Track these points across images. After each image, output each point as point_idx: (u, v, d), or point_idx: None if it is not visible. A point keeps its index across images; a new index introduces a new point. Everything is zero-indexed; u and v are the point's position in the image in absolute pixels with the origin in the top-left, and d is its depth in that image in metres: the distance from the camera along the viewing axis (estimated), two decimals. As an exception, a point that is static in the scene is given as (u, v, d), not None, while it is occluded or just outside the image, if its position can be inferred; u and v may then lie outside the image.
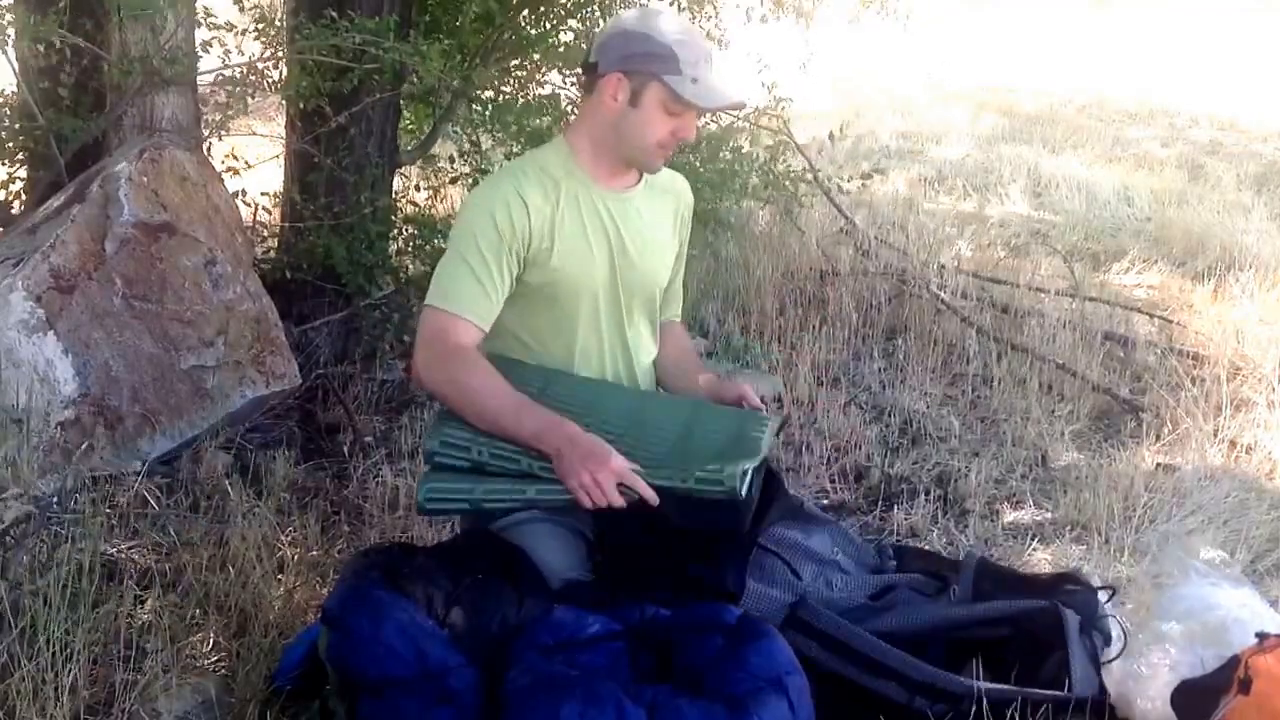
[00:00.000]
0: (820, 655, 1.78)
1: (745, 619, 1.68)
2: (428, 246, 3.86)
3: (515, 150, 4.03)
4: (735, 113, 4.49)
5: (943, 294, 4.19)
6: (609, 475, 1.74)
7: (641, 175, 2.05)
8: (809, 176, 4.82)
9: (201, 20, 3.28)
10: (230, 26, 3.35)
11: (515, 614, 1.71)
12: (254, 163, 3.73)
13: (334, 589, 1.78)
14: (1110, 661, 1.88)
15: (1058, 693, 1.77)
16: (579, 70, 2.43)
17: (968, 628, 1.91)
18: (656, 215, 2.08)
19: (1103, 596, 2.00)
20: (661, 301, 2.17)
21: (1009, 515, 2.82)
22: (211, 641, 2.03)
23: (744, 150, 4.48)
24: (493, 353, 2.00)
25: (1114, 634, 1.93)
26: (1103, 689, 1.84)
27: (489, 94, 4.08)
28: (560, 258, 1.96)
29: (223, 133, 3.49)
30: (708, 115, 4.37)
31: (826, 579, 1.97)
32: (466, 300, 1.90)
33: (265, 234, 3.95)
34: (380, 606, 1.65)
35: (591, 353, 2.06)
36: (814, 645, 1.79)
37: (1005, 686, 1.78)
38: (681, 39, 1.89)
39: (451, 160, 4.26)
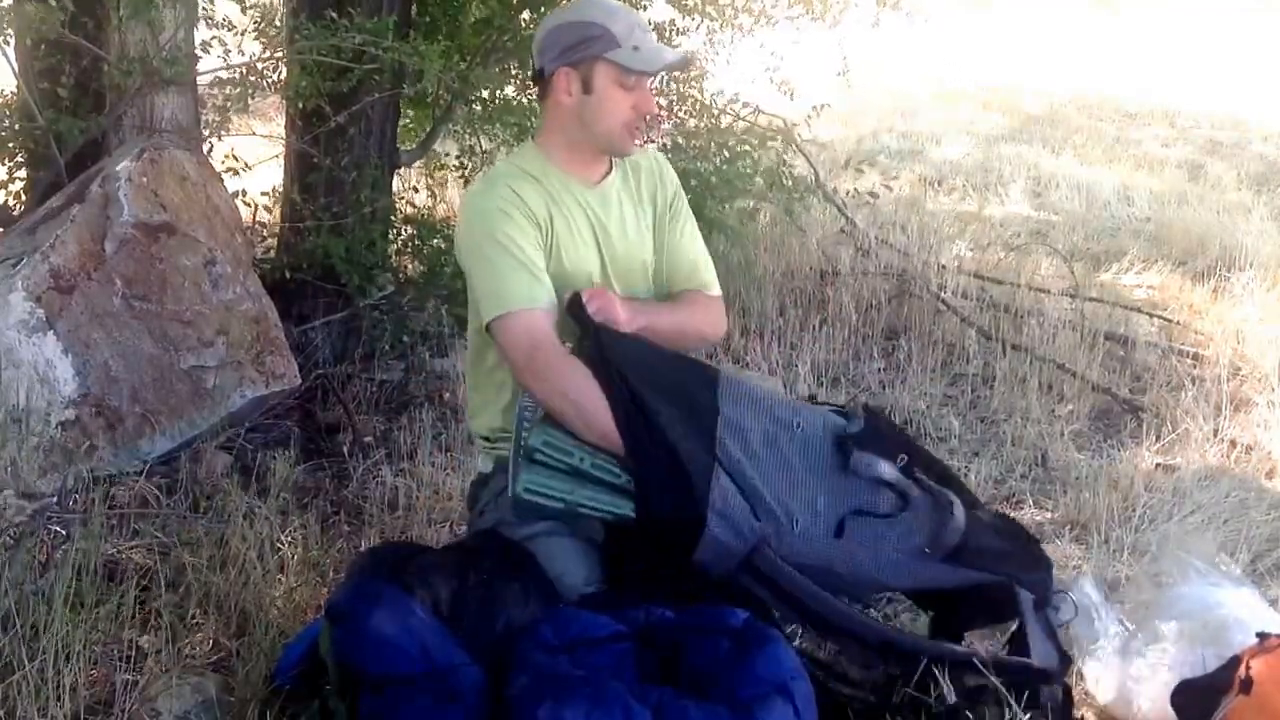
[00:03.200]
0: (772, 603, 1.77)
1: (751, 623, 1.68)
2: (427, 247, 3.86)
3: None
4: (734, 112, 4.55)
5: (943, 294, 4.19)
6: None
7: (612, 163, 2.06)
8: (811, 182, 4.81)
9: (202, 14, 3.27)
10: (229, 23, 3.35)
11: (521, 613, 1.71)
12: (254, 163, 3.72)
13: (340, 584, 1.78)
14: (1064, 625, 1.88)
15: (1024, 659, 1.73)
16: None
17: (928, 588, 1.90)
18: (634, 198, 2.10)
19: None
20: (671, 273, 2.13)
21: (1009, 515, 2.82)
22: (211, 641, 2.03)
23: (749, 150, 4.46)
24: None
25: (1066, 607, 1.91)
26: (1063, 660, 1.81)
27: (489, 94, 4.08)
28: (556, 252, 1.98)
29: (223, 133, 3.48)
30: (716, 111, 4.39)
31: (788, 512, 1.82)
32: (523, 291, 1.89)
33: (265, 234, 3.95)
34: (386, 602, 1.64)
35: None
36: (766, 593, 1.76)
37: (964, 649, 1.76)
38: (611, 14, 1.93)
39: (459, 160, 4.25)
